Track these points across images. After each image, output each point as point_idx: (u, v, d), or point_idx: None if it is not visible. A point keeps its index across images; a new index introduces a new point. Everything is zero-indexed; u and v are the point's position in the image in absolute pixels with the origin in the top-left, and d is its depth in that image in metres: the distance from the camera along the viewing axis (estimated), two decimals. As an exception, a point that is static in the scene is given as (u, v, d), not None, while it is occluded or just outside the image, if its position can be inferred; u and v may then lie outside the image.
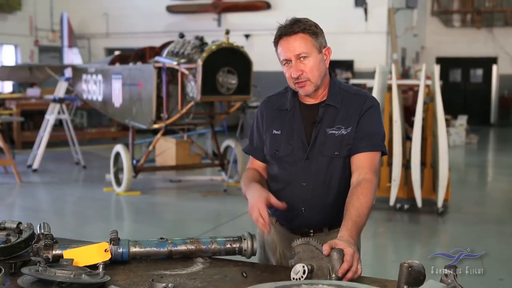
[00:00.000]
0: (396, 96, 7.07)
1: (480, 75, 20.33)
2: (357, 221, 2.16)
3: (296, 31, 2.28)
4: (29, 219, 2.59)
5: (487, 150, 14.75)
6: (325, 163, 2.34)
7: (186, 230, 6.54)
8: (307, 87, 2.32)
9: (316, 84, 2.32)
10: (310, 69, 2.29)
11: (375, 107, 2.38)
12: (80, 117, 14.44)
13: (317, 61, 2.30)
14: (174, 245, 2.22)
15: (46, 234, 2.15)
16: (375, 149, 2.32)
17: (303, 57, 2.28)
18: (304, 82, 2.31)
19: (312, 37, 2.29)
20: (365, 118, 2.33)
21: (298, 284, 1.72)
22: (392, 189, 7.05)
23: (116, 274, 2.03)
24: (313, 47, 2.29)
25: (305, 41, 2.28)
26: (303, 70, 2.29)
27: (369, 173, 2.26)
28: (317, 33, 2.31)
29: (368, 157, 2.30)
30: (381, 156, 2.38)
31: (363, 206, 2.20)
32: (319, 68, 2.31)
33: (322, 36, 2.33)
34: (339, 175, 2.35)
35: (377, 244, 6.57)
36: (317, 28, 2.32)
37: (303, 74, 2.29)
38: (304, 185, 2.37)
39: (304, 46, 2.27)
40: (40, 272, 1.86)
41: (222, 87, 7.68)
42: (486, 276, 5.22)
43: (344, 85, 2.46)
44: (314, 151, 2.35)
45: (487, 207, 8.26)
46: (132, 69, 8.62)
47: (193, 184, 9.19)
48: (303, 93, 2.36)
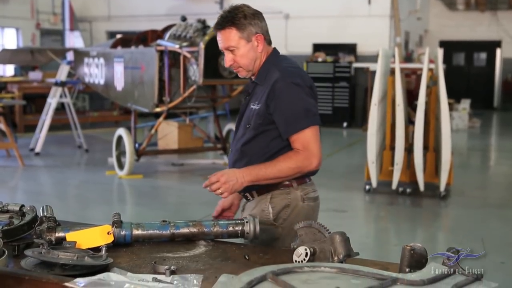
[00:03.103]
0: (399, 80, 7.05)
1: (483, 59, 20.25)
2: (261, 168, 2.46)
3: (223, 26, 2.51)
4: (31, 202, 2.60)
5: (490, 134, 14.73)
6: (242, 133, 2.63)
7: (189, 214, 6.55)
8: (241, 72, 2.61)
9: (248, 69, 2.58)
10: (240, 58, 2.54)
11: (288, 84, 2.50)
12: (82, 101, 14.42)
13: (246, 50, 2.53)
14: (177, 228, 2.22)
15: (49, 217, 2.15)
16: (296, 131, 2.47)
17: (232, 49, 2.53)
18: (238, 69, 2.60)
19: (239, 30, 2.50)
20: (280, 96, 2.49)
21: (300, 266, 1.72)
22: (395, 172, 7.05)
23: (118, 256, 2.04)
24: (240, 39, 2.51)
25: (232, 35, 2.51)
26: (234, 60, 2.55)
27: (299, 148, 2.47)
28: (245, 24, 2.50)
29: (295, 139, 2.48)
30: (315, 125, 2.49)
31: (276, 166, 2.46)
32: (249, 56, 2.54)
33: (252, 24, 2.52)
34: (250, 144, 2.59)
35: (379, 228, 6.59)
36: (246, 19, 2.50)
37: (234, 64, 2.56)
38: (231, 152, 2.73)
39: (231, 40, 2.51)
40: (43, 254, 1.87)
41: (224, 71, 7.65)
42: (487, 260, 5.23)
43: (279, 62, 2.59)
44: (240, 123, 2.67)
45: (489, 191, 8.26)
46: (134, 52, 8.59)
47: (195, 168, 9.20)
48: (241, 77, 2.66)
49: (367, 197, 7.44)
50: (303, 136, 2.46)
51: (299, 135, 2.46)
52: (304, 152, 2.46)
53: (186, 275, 1.83)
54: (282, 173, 2.47)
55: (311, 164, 2.47)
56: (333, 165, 9.59)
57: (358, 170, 8.40)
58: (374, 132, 6.97)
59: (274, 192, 2.56)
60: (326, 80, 14.45)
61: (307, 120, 2.47)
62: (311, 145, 2.46)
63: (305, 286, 1.54)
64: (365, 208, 7.39)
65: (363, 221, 6.83)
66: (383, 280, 1.60)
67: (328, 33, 15.07)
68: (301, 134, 2.46)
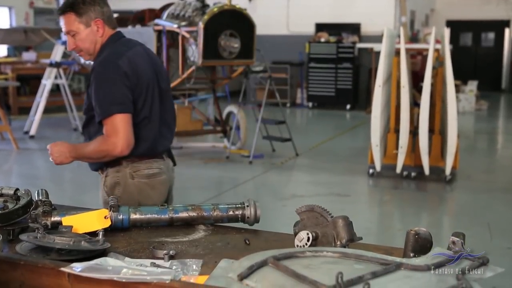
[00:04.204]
0: (404, 61, 7.02)
1: (491, 39, 20.15)
2: (82, 148, 2.77)
3: (64, 11, 2.73)
4: (26, 186, 2.60)
5: (497, 117, 14.71)
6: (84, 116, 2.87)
7: (188, 198, 6.56)
8: (84, 56, 2.83)
9: (89, 53, 2.79)
10: (81, 43, 2.75)
11: (96, 72, 2.70)
12: (77, 82, 14.39)
13: (85, 35, 2.74)
14: (176, 212, 2.23)
15: (44, 201, 2.16)
16: (104, 116, 2.65)
17: (72, 34, 2.74)
18: (80, 53, 2.82)
19: (77, 15, 2.71)
20: (94, 82, 2.70)
21: (302, 251, 1.73)
22: (399, 156, 7.05)
23: (116, 241, 2.04)
24: (80, 24, 2.72)
25: (71, 20, 2.72)
26: (75, 44, 2.76)
27: (106, 133, 2.68)
28: (83, 9, 2.71)
29: (104, 124, 2.68)
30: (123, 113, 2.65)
31: (89, 147, 2.73)
32: (89, 40, 2.75)
33: (92, 9, 2.72)
34: (88, 127, 2.84)
35: (383, 212, 6.61)
36: (85, 4, 2.71)
37: (76, 47, 2.77)
38: None
39: (71, 25, 2.72)
40: (39, 238, 1.87)
41: (224, 51, 7.63)
42: (493, 245, 5.25)
43: (112, 46, 2.78)
44: None
45: (496, 175, 8.27)
46: (131, 32, 8.55)
47: (195, 151, 9.21)
48: (84, 60, 2.93)
49: (371, 181, 7.45)
50: (110, 122, 2.64)
51: (107, 120, 2.65)
52: (109, 137, 2.65)
53: (185, 260, 1.84)
54: (93, 155, 2.73)
55: (115, 149, 2.65)
56: (336, 149, 9.60)
57: (361, 153, 8.40)
58: (378, 114, 6.96)
59: (108, 170, 2.80)
60: (329, 61, 14.41)
61: (114, 107, 2.64)
62: (116, 131, 2.63)
63: (307, 271, 1.54)
64: (369, 192, 7.41)
65: (366, 205, 6.84)
66: (387, 265, 1.61)
67: (331, 12, 14.98)
68: (108, 120, 2.65)
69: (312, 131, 11.83)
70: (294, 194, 6.90)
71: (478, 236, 5.14)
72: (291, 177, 7.99)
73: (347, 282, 1.43)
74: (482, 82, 16.54)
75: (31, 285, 1.77)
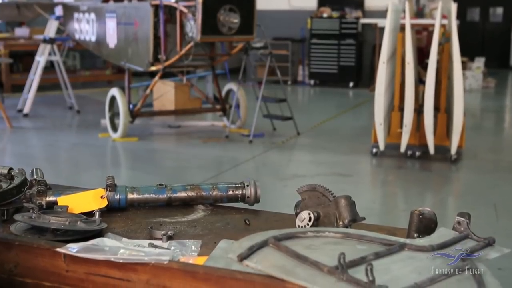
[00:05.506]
0: (409, 37, 6.99)
1: (500, 14, 20.02)
2: None
3: None
4: (20, 165, 2.59)
5: (505, 95, 14.68)
6: None
7: (186, 178, 6.58)
8: None
9: None
10: None
11: None
12: (72, 59, 14.33)
13: None
14: (174, 192, 2.23)
15: (39, 180, 2.15)
16: None
17: None
18: None
19: None
20: None
21: (303, 231, 1.73)
22: (403, 135, 7.05)
23: (113, 221, 2.04)
24: None
25: None
26: None
27: None
28: None
29: None
30: None
31: None
32: None
33: None
34: None
35: (387, 192, 6.63)
36: None
37: None
38: None
39: None
40: (34, 219, 1.87)
41: (224, 27, 7.59)
42: (499, 225, 5.27)
43: None
44: None
45: (503, 154, 8.28)
46: (127, 7, 8.51)
47: (193, 130, 9.21)
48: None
49: (374, 161, 7.46)
50: None
51: None
52: None
53: (184, 240, 1.84)
54: None
55: None
56: (338, 127, 9.60)
57: (364, 132, 8.40)
58: (382, 92, 6.95)
59: None
60: (331, 37, 14.33)
61: None
62: None
63: (308, 251, 1.55)
64: (372, 172, 7.42)
65: (369, 185, 6.86)
66: (390, 246, 1.61)
67: (334, -14, 14.88)
68: None
69: (314, 110, 11.81)
70: (296, 174, 6.91)
71: (484, 217, 5.16)
72: (292, 157, 8.00)
73: (349, 263, 1.44)
74: (490, 59, 16.47)
75: (26, 266, 1.77)
